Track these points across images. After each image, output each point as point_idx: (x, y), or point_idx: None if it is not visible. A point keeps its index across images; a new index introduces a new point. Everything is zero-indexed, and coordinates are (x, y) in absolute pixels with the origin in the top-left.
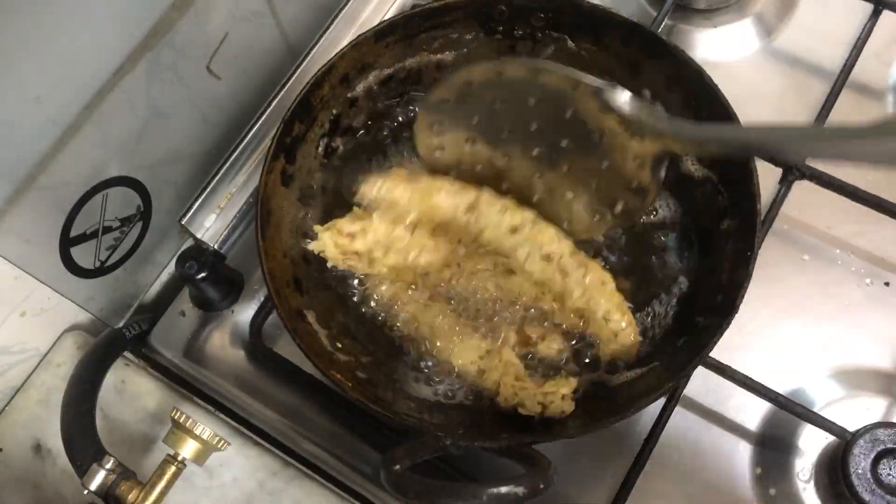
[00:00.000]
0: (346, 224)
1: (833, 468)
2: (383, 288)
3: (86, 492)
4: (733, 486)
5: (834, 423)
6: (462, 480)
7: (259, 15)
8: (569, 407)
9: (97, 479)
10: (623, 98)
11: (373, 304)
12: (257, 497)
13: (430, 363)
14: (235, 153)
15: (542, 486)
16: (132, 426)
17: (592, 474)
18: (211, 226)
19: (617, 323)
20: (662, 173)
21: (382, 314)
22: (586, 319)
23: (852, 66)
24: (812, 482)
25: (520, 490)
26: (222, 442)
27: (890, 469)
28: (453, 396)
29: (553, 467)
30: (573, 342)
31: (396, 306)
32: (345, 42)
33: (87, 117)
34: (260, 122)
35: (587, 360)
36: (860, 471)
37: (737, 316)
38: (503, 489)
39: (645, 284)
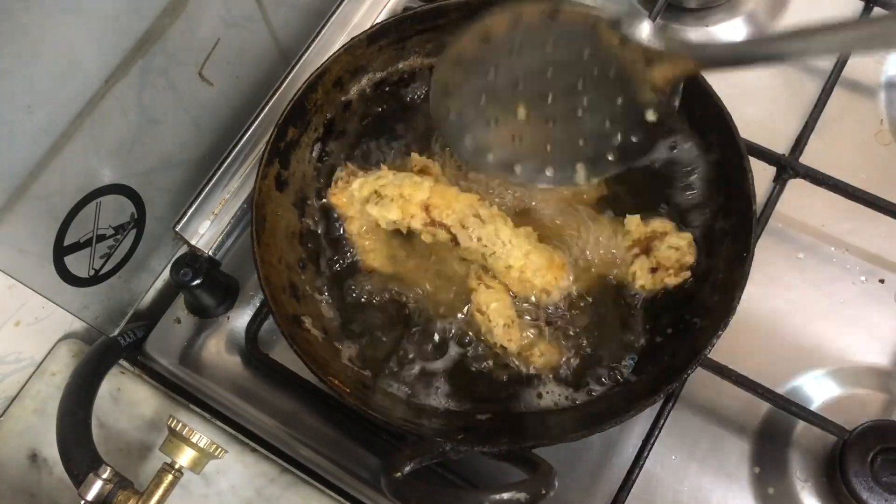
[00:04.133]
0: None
1: (831, 466)
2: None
3: (83, 502)
4: (732, 485)
5: (831, 422)
6: (464, 486)
7: (251, 20)
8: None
9: (94, 489)
10: (643, 27)
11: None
12: None
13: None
14: (229, 159)
15: (543, 490)
16: (128, 434)
17: (592, 476)
18: (205, 232)
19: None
20: (676, 102)
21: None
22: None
23: (844, 63)
24: (810, 480)
25: (522, 496)
26: (219, 449)
27: (888, 466)
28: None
29: (554, 471)
30: None
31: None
32: (337, 46)
33: (79, 125)
34: (253, 127)
35: None
36: (858, 468)
37: (733, 315)
38: (505, 496)
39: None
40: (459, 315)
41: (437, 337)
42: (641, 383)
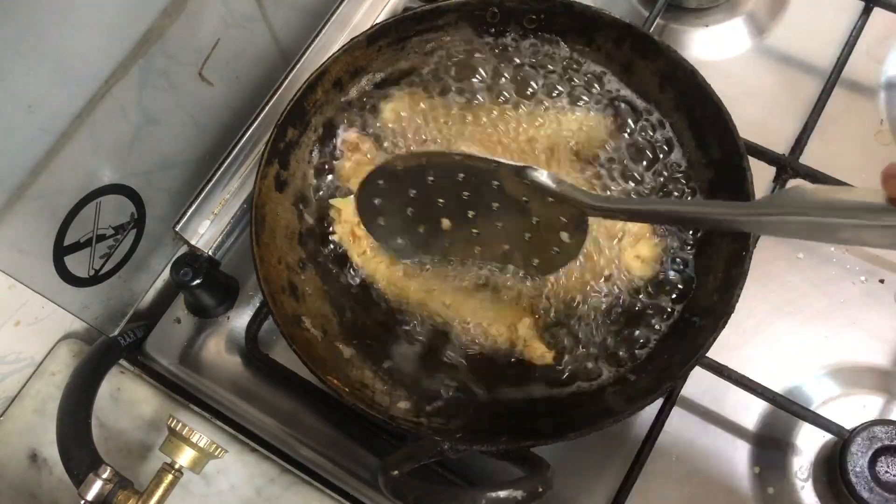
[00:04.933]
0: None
1: (831, 466)
2: (382, 283)
3: (83, 502)
4: (732, 485)
5: (831, 422)
6: (461, 485)
7: (251, 20)
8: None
9: (94, 489)
10: (543, 176)
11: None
12: None
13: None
14: (229, 159)
15: (541, 489)
16: (128, 434)
17: (591, 476)
18: (205, 232)
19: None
20: (586, 227)
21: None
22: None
23: (844, 63)
24: (810, 480)
25: (519, 494)
26: (219, 449)
27: (888, 466)
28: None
29: (552, 470)
30: None
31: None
32: (337, 46)
33: (79, 125)
34: (253, 127)
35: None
36: (858, 469)
37: (733, 315)
38: (502, 493)
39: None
40: (463, 325)
41: (436, 345)
42: (641, 382)
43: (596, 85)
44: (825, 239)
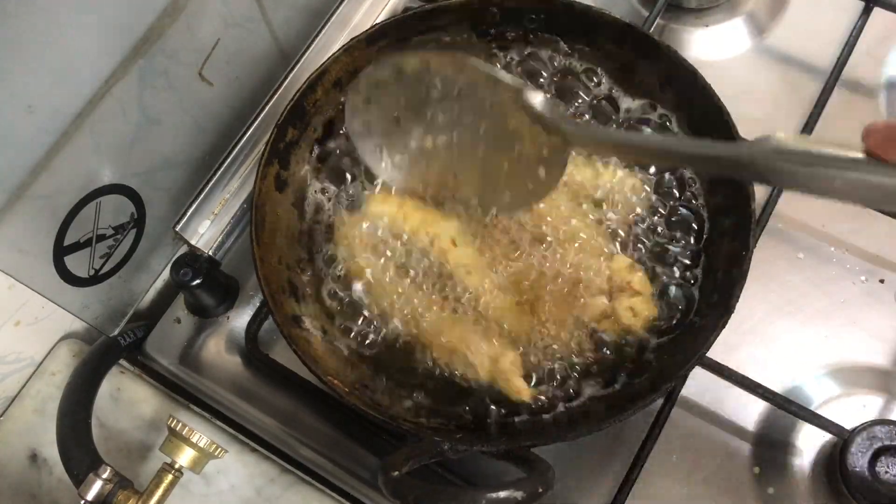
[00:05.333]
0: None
1: (831, 466)
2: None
3: (83, 502)
4: (732, 485)
5: (831, 422)
6: (461, 485)
7: (251, 20)
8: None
9: (94, 489)
10: (537, 99)
11: (372, 305)
12: None
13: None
14: (229, 159)
15: (540, 489)
16: (128, 434)
17: (591, 476)
18: (205, 232)
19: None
20: (566, 161)
21: (380, 315)
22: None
23: (844, 63)
24: (810, 480)
25: (519, 494)
26: (219, 449)
27: (888, 466)
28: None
29: (552, 470)
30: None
31: (395, 305)
32: (337, 46)
33: (79, 125)
34: (253, 127)
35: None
36: (858, 468)
37: (733, 315)
38: (502, 494)
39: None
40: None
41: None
42: (640, 383)
43: (590, 85)
44: (809, 189)
